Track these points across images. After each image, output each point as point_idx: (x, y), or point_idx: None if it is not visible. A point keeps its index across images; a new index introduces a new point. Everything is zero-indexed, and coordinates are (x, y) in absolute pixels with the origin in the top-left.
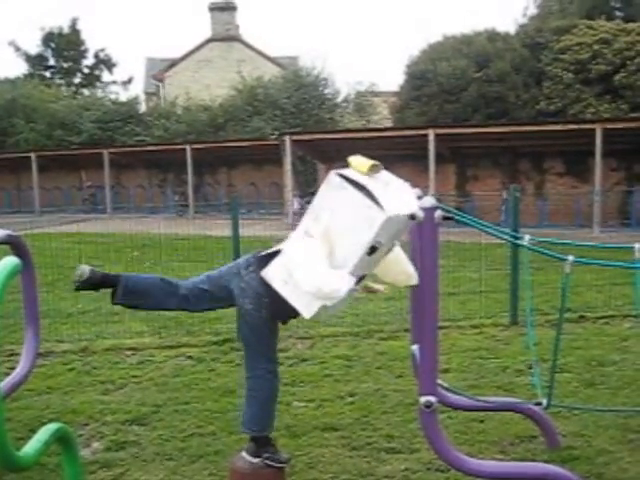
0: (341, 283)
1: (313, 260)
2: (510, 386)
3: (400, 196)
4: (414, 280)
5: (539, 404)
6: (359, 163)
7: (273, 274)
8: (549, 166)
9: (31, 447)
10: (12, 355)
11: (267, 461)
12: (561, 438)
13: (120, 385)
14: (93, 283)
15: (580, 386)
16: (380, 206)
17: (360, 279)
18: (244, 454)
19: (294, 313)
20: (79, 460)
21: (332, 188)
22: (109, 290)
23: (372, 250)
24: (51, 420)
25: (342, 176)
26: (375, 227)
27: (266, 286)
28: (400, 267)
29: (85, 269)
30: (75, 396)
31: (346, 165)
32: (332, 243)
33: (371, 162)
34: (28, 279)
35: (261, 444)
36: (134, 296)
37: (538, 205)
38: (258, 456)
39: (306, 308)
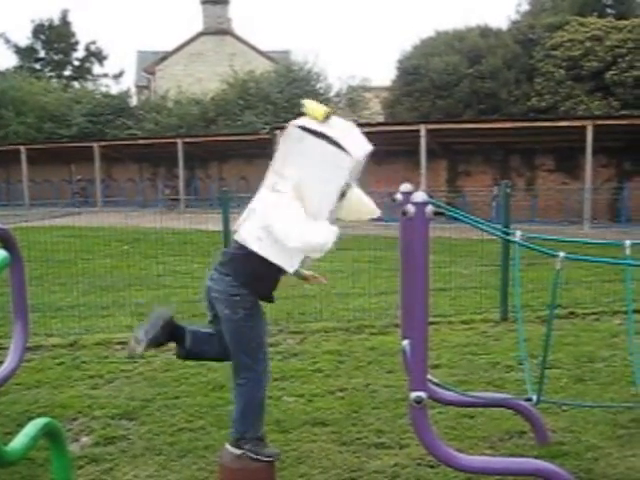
0: (328, 234)
1: (294, 214)
2: (500, 382)
3: (356, 138)
4: (377, 212)
5: (529, 400)
6: (314, 109)
7: (246, 234)
8: (540, 162)
9: (19, 442)
10: (0, 349)
11: (248, 453)
12: (551, 434)
13: (109, 379)
14: (157, 343)
15: (570, 382)
16: (346, 151)
17: None
18: (227, 445)
19: (271, 288)
20: (68, 455)
21: (293, 140)
22: (99, 284)
23: (342, 195)
24: (40, 414)
25: (300, 127)
26: (345, 171)
27: (234, 284)
28: (362, 203)
29: (139, 337)
30: (64, 390)
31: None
32: (303, 195)
33: (325, 108)
34: (17, 272)
35: (245, 441)
36: (199, 347)
37: (529, 201)
38: (238, 447)
39: (288, 263)
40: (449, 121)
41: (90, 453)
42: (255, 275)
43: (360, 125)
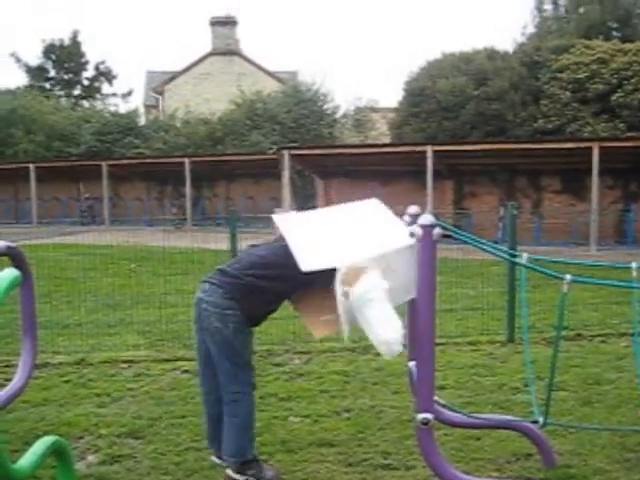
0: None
1: (390, 313)
2: (507, 404)
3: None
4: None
5: (535, 422)
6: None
7: (338, 278)
8: (546, 184)
9: (27, 460)
10: (7, 366)
11: (251, 478)
12: (557, 456)
13: (116, 398)
14: None
15: (576, 404)
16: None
17: None
18: (228, 472)
19: (264, 317)
20: (74, 473)
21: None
22: (106, 302)
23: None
24: (46, 432)
25: None
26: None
27: (227, 297)
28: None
29: None
30: (70, 408)
31: (344, 180)
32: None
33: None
34: (26, 290)
35: (246, 463)
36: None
37: (535, 222)
38: (241, 473)
39: (344, 327)
40: (455, 142)
41: (96, 472)
42: (252, 302)
43: (367, 146)
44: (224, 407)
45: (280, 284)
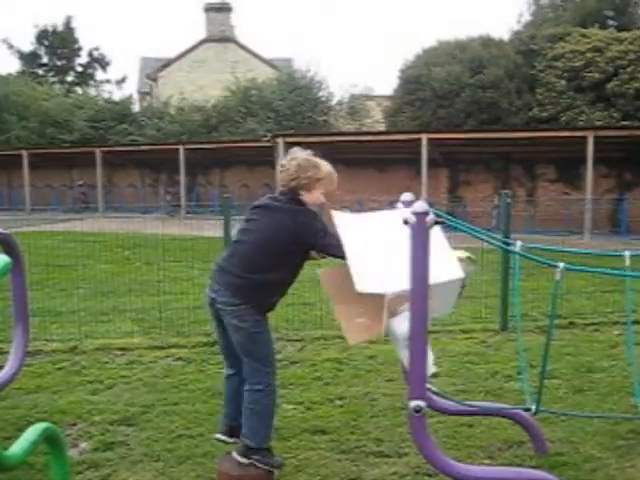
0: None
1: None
2: (499, 391)
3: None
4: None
5: (528, 410)
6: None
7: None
8: (541, 172)
9: (19, 446)
10: (0, 353)
11: (257, 463)
12: (549, 444)
13: (109, 385)
14: None
15: (569, 392)
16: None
17: None
18: (234, 454)
19: (277, 301)
20: (66, 460)
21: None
22: (99, 289)
23: None
24: (39, 420)
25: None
26: None
27: (239, 296)
28: None
29: None
30: (63, 396)
31: (339, 168)
32: None
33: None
34: (18, 277)
35: (253, 449)
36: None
37: (529, 211)
38: (247, 457)
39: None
40: (450, 130)
41: (89, 459)
42: (263, 295)
43: (362, 133)
44: (247, 395)
45: (285, 269)
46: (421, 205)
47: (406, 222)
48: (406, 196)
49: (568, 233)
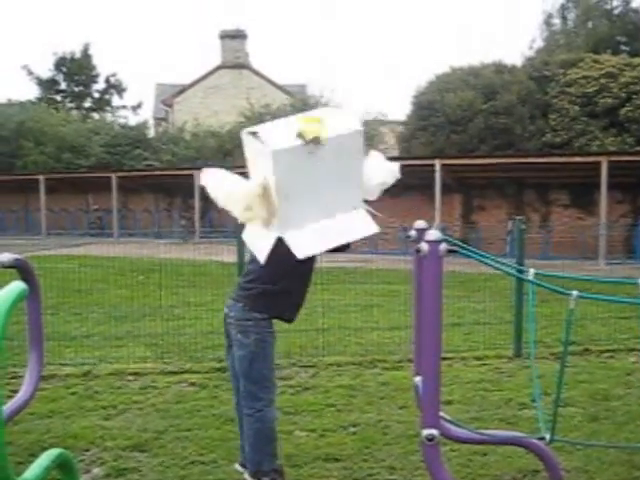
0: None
1: None
2: (514, 419)
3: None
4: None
5: (542, 439)
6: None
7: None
8: (554, 198)
9: (31, 472)
10: (14, 378)
11: None
12: (564, 473)
13: (122, 410)
14: None
15: (584, 420)
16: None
17: None
18: (245, 477)
19: (297, 310)
20: None
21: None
22: (113, 314)
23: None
24: (52, 445)
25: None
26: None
27: (246, 309)
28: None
29: None
30: (77, 420)
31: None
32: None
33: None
34: (33, 303)
35: (263, 473)
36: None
37: (543, 236)
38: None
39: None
40: (464, 156)
41: None
42: (274, 305)
43: None
44: (245, 418)
45: (288, 279)
46: (434, 233)
47: (418, 251)
48: (419, 224)
49: (582, 259)
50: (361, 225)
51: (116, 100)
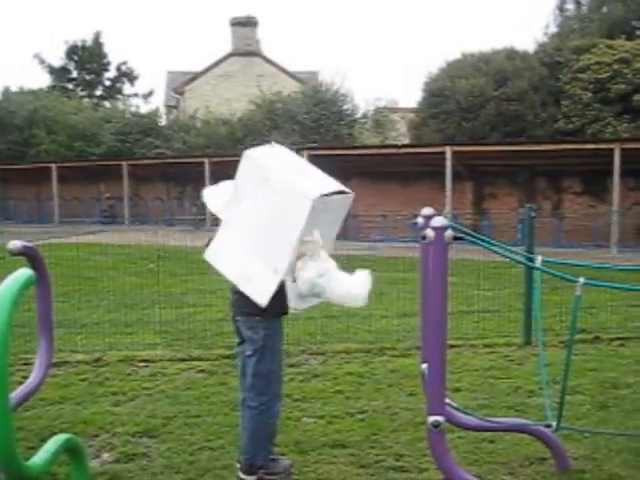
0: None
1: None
2: (521, 407)
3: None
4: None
5: (549, 426)
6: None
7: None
8: (567, 185)
9: (40, 457)
10: (26, 364)
11: (264, 477)
12: (572, 461)
13: (131, 397)
14: None
15: (593, 408)
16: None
17: None
18: (239, 473)
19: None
20: (88, 471)
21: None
22: (124, 301)
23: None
24: (62, 430)
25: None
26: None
27: (253, 305)
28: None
29: None
30: (87, 406)
31: (363, 181)
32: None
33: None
34: (42, 290)
35: (255, 468)
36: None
37: (555, 224)
38: (253, 473)
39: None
40: (475, 143)
41: (110, 470)
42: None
43: (386, 147)
44: (247, 411)
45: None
46: (439, 220)
47: (424, 238)
48: (426, 211)
49: (594, 246)
50: (258, 289)
51: (127, 88)
